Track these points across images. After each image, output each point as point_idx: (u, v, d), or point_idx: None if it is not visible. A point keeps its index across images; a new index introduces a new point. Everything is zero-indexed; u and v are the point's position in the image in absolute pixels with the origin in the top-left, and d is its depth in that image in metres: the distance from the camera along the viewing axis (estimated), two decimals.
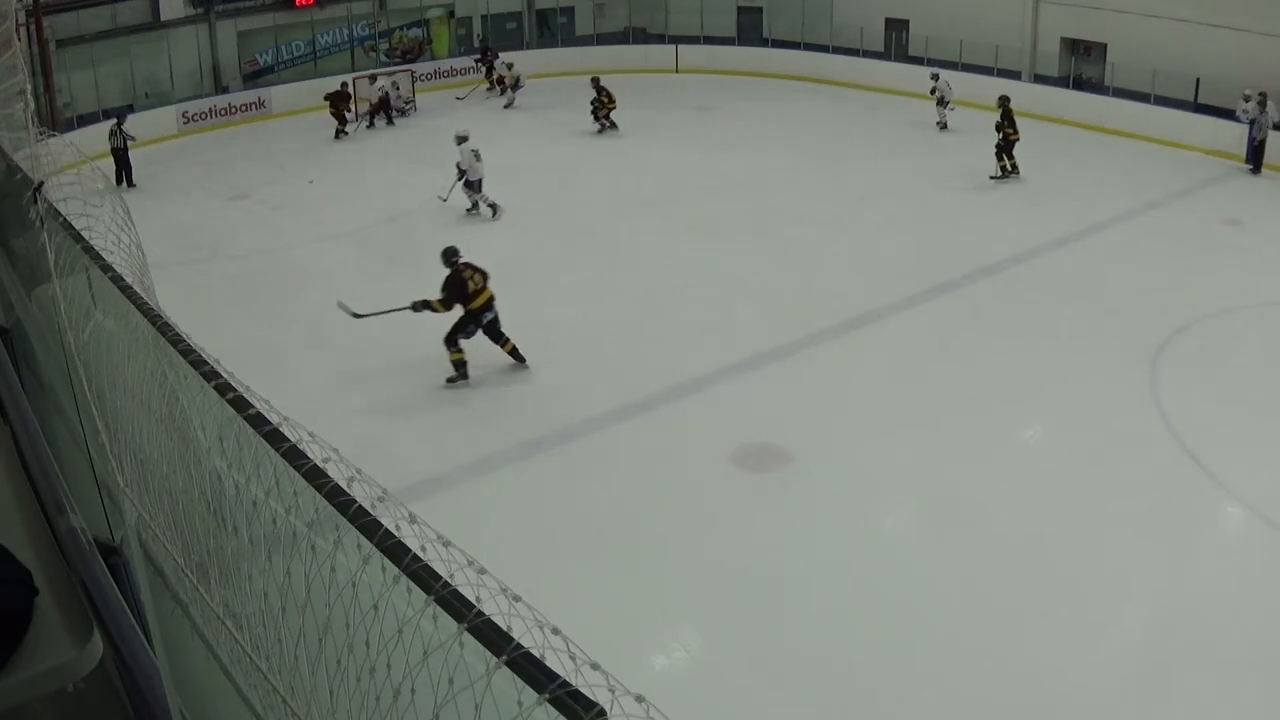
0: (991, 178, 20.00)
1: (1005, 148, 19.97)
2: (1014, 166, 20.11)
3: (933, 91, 24.23)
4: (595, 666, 1.24)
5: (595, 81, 24.04)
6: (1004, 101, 20.26)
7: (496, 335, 12.10)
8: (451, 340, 11.93)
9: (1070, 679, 7.57)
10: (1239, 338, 13.55)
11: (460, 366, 11.99)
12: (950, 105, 24.01)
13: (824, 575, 8.83)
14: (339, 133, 24.04)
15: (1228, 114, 21.77)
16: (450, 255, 12.07)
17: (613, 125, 23.93)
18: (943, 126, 24.04)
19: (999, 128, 19.88)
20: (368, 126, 24.85)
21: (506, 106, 26.66)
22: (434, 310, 11.80)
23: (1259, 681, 7.62)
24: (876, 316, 13.75)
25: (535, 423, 11.17)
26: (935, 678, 7.64)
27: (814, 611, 8.36)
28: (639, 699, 1.19)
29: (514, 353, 12.23)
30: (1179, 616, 8.38)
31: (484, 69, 28.69)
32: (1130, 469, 10.35)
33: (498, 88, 27.61)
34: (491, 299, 11.94)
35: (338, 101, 24.22)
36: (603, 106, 23.84)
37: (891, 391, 11.85)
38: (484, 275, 11.97)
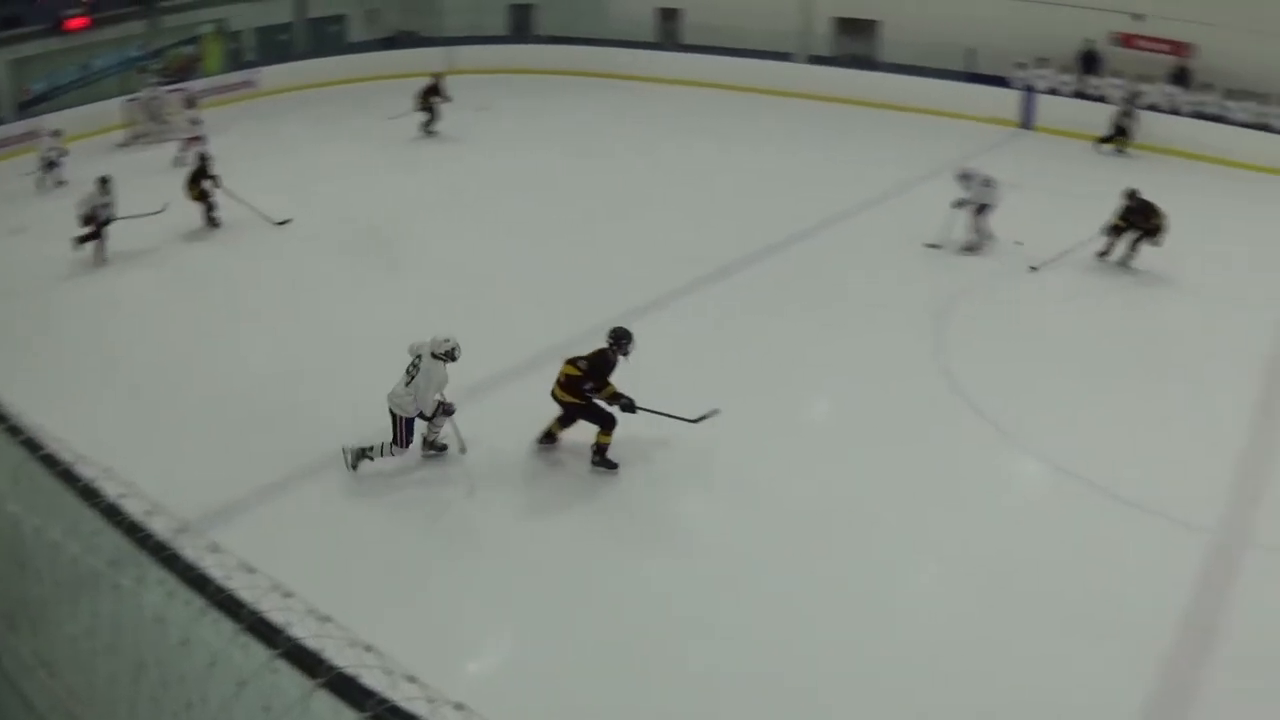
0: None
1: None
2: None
3: (960, 204, 15.67)
4: (411, 679, 1.26)
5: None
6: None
7: None
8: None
9: (877, 650, 7.77)
10: (1012, 297, 14.50)
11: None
12: (984, 231, 15.72)
13: (625, 573, 8.86)
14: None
15: (1003, 81, 23.98)
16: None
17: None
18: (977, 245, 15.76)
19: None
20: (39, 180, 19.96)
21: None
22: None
23: (1071, 630, 8.04)
24: (660, 304, 13.82)
25: (324, 439, 10.25)
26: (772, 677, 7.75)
27: (597, 599, 8.32)
28: (458, 707, 1.22)
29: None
30: (993, 575, 8.69)
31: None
32: (920, 427, 10.88)
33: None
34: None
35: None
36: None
37: (676, 374, 11.47)
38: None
